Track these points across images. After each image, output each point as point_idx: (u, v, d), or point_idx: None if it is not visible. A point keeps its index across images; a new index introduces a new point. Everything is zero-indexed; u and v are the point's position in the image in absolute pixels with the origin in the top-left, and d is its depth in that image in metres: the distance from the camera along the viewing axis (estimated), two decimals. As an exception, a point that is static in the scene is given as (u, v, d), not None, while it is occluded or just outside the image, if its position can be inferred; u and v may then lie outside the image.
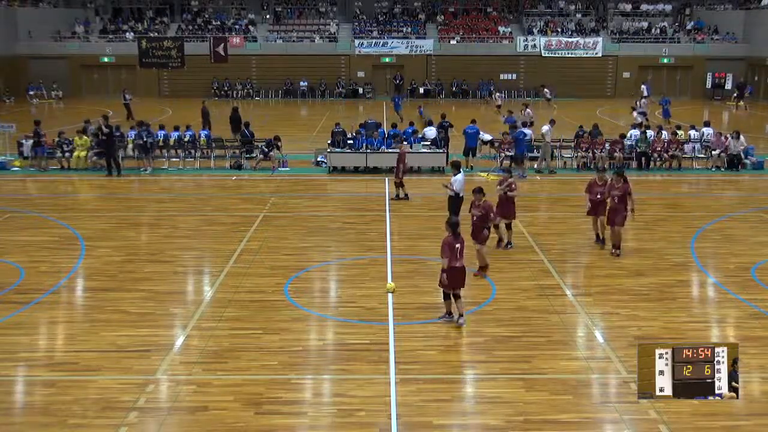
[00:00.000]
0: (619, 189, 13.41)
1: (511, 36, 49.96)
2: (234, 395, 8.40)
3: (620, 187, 13.42)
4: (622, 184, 13.42)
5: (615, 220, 13.47)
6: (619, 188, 13.42)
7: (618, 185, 13.43)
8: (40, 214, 16.93)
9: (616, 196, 13.41)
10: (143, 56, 33.36)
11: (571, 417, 8.00)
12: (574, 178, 21.87)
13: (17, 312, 10.92)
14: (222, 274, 12.69)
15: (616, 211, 13.47)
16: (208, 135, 23.99)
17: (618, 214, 13.45)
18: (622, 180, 13.46)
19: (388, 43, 48.89)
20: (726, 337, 10.31)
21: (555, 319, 10.74)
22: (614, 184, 13.50)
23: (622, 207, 13.40)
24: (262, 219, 16.57)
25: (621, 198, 13.37)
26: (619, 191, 13.39)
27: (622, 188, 13.42)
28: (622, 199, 13.38)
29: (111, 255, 13.79)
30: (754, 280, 12.47)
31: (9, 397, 8.57)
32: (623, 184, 13.42)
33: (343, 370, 9.13)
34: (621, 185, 13.43)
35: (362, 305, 11.25)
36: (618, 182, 13.45)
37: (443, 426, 7.84)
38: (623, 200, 13.38)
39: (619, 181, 13.44)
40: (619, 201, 13.38)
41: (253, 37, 49.74)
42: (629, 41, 50.06)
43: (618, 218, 13.43)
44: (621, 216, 13.42)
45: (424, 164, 22.39)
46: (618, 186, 13.44)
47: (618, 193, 13.38)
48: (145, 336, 10.08)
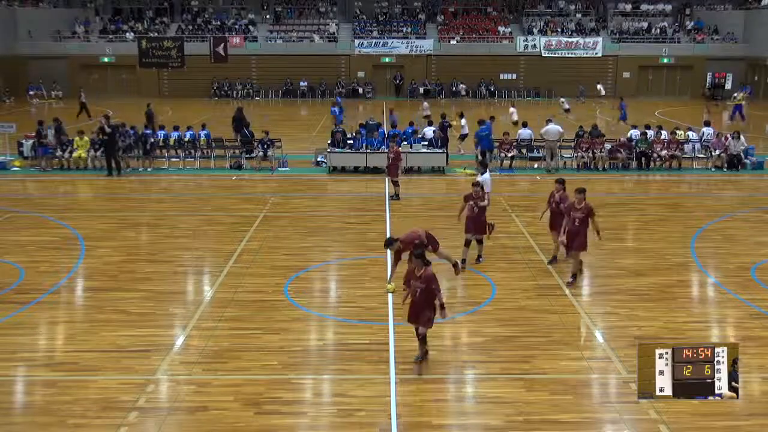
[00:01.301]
0: (581, 210, 11.81)
1: (511, 36, 49.97)
2: (234, 395, 8.40)
3: (582, 208, 11.82)
4: (584, 205, 11.82)
5: (573, 244, 11.86)
6: (581, 209, 11.82)
7: (579, 206, 11.82)
8: (40, 214, 16.93)
9: (577, 218, 11.79)
10: (143, 56, 33.37)
11: (571, 417, 8.00)
12: (574, 178, 21.85)
13: (17, 312, 10.91)
14: (222, 274, 12.69)
15: (577, 234, 11.82)
16: (208, 135, 24.00)
17: (577, 237, 11.83)
18: (584, 199, 11.87)
19: (388, 43, 48.90)
20: (726, 337, 10.30)
21: (555, 319, 10.74)
22: (575, 204, 11.89)
23: (583, 230, 11.83)
24: (262, 219, 16.57)
25: (583, 220, 11.80)
26: (581, 212, 11.80)
27: (585, 209, 11.82)
28: (584, 222, 11.81)
29: (111, 255, 13.79)
30: (754, 280, 12.47)
31: (9, 397, 8.56)
32: (585, 204, 11.82)
33: (343, 370, 9.13)
34: (583, 205, 11.82)
35: (362, 305, 11.25)
36: (580, 202, 11.82)
37: (443, 426, 7.84)
38: (585, 222, 11.82)
39: (581, 201, 11.82)
40: (580, 223, 11.79)
41: (253, 37, 49.76)
42: (629, 41, 50.09)
43: (577, 242, 11.82)
44: (581, 240, 11.84)
45: (424, 164, 22.39)
46: (579, 207, 11.82)
47: (579, 215, 11.79)
48: (145, 336, 10.08)
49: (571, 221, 11.86)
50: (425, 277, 8.67)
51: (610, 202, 18.65)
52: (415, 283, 8.82)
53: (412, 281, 8.82)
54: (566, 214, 12.01)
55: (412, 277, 8.88)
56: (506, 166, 22.94)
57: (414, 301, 8.89)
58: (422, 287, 8.75)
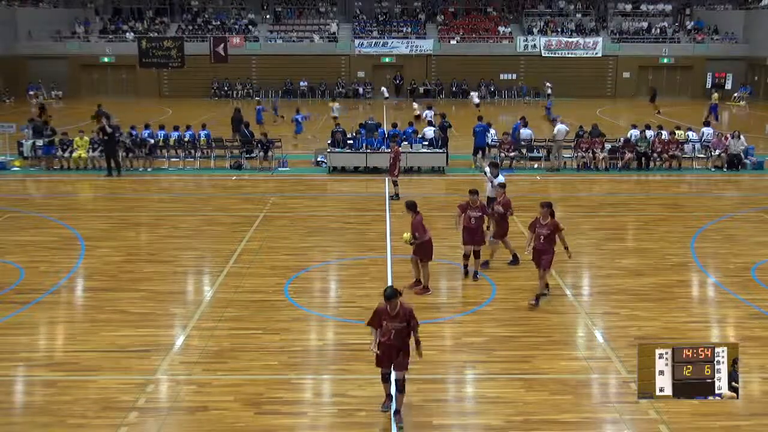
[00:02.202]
0: (547, 226, 11.02)
1: (511, 36, 49.97)
2: (234, 395, 8.40)
3: (548, 224, 11.03)
4: (550, 220, 11.03)
5: (541, 261, 11.10)
6: (546, 225, 11.02)
7: (545, 221, 11.02)
8: (40, 214, 16.93)
9: (542, 235, 11.00)
10: (143, 56, 33.35)
11: (571, 417, 8.00)
12: (574, 178, 21.88)
13: (17, 312, 10.91)
14: (222, 274, 12.69)
15: (543, 252, 11.06)
16: (208, 135, 24.01)
17: (544, 255, 11.06)
18: (550, 215, 11.05)
19: (388, 43, 48.89)
20: (726, 337, 10.30)
21: (555, 319, 10.74)
22: (540, 219, 11.07)
23: (549, 247, 11.02)
24: (262, 219, 16.57)
25: (548, 237, 10.98)
26: (546, 229, 10.99)
27: (550, 225, 11.02)
28: (550, 239, 10.99)
29: (111, 255, 13.79)
30: (754, 280, 12.47)
31: (9, 397, 8.57)
32: (551, 220, 11.02)
33: (343, 370, 9.13)
34: (549, 221, 11.03)
35: (362, 305, 11.23)
36: (545, 217, 11.02)
37: (443, 426, 7.84)
38: (551, 240, 10.99)
39: (546, 216, 11.02)
40: (545, 240, 10.99)
41: (253, 37, 49.75)
42: (629, 41, 50.09)
43: (544, 260, 11.05)
44: (548, 258, 11.06)
45: (424, 164, 22.39)
46: (545, 223, 11.02)
47: (545, 232, 10.98)
48: (145, 336, 10.08)
49: (536, 238, 11.10)
50: (404, 312, 7.51)
51: (610, 202, 18.66)
52: (390, 324, 7.64)
53: (387, 322, 7.58)
54: (530, 230, 11.23)
55: (385, 318, 7.67)
56: (506, 165, 22.94)
57: (388, 344, 7.68)
58: (400, 326, 7.65)
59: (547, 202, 11.11)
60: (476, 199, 12.18)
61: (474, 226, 12.14)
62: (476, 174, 22.50)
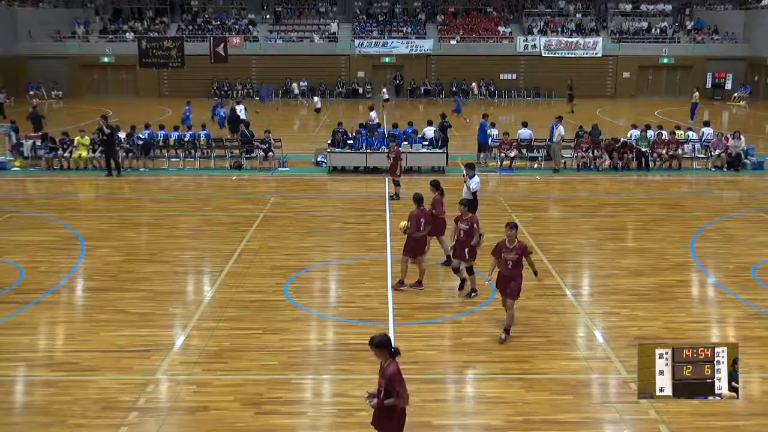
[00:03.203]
0: (514, 249, 9.65)
1: (511, 36, 49.95)
2: (234, 395, 8.40)
3: (515, 247, 9.66)
4: (517, 243, 9.74)
5: (508, 290, 9.75)
6: (513, 248, 9.66)
7: (511, 244, 9.68)
8: (40, 214, 16.93)
9: (509, 261, 9.66)
10: (143, 56, 33.32)
11: (571, 417, 8.00)
12: (574, 178, 21.88)
13: (17, 312, 10.92)
14: (222, 274, 12.69)
15: (511, 279, 9.72)
16: (208, 135, 24.01)
17: (512, 282, 9.71)
18: (516, 237, 9.80)
19: (388, 43, 48.87)
20: (726, 337, 10.31)
21: (555, 319, 10.74)
22: (506, 243, 9.75)
23: (518, 273, 9.77)
24: (262, 219, 16.57)
25: (517, 262, 9.70)
26: (513, 253, 9.64)
27: (518, 248, 9.68)
28: (519, 264, 9.74)
29: (111, 255, 13.79)
30: (754, 280, 12.47)
31: (9, 397, 8.57)
32: (518, 242, 9.76)
33: (343, 370, 9.13)
34: (516, 244, 9.71)
35: (362, 305, 11.25)
36: (511, 240, 9.71)
37: (443, 426, 7.84)
38: (520, 264, 9.76)
39: (513, 239, 9.72)
40: (513, 266, 9.69)
41: (253, 37, 49.73)
42: (629, 41, 50.05)
43: (513, 288, 9.73)
44: (517, 285, 9.76)
45: (424, 164, 22.39)
46: (512, 246, 9.68)
47: (513, 256, 9.65)
48: (145, 336, 10.08)
49: (502, 264, 9.77)
50: (389, 374, 6.39)
51: (610, 202, 18.66)
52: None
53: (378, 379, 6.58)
54: (495, 255, 9.90)
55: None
56: (506, 166, 22.95)
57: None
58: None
59: (513, 223, 9.93)
60: (465, 210, 11.45)
61: (462, 238, 11.35)
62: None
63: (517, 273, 9.77)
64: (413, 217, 11.72)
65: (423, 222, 11.73)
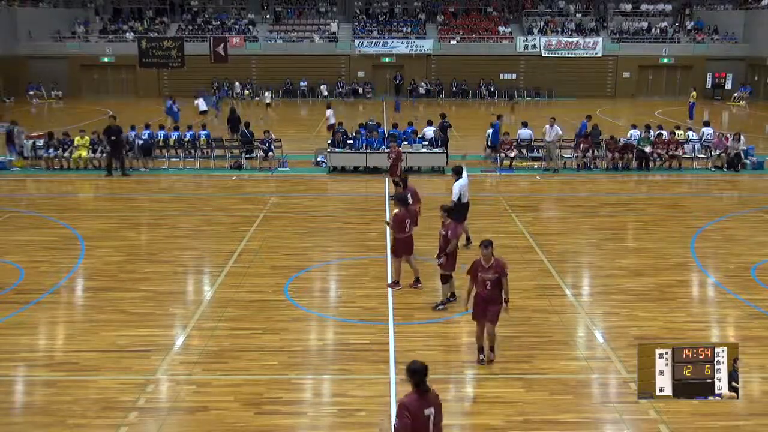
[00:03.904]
0: (492, 269, 8.98)
1: (511, 36, 49.95)
2: (234, 395, 8.40)
3: (492, 266, 8.99)
4: (494, 261, 9.02)
5: (488, 314, 9.03)
6: (491, 267, 8.98)
7: (488, 264, 9.00)
8: (40, 214, 16.93)
9: (488, 281, 8.97)
10: (143, 56, 33.34)
11: (571, 417, 8.00)
12: (574, 178, 21.88)
13: (17, 312, 10.92)
14: (222, 274, 12.69)
15: (491, 301, 9.01)
16: (208, 135, 24.01)
17: (492, 306, 9.01)
18: (492, 255, 9.05)
19: (388, 43, 48.87)
20: (726, 337, 10.30)
21: (555, 319, 10.74)
22: (482, 262, 9.05)
23: (498, 295, 9.02)
24: (262, 219, 16.57)
25: (496, 283, 8.98)
26: (491, 272, 8.96)
27: (496, 266, 9.00)
28: (498, 284, 8.99)
29: (111, 255, 13.78)
30: (754, 280, 12.47)
31: (9, 397, 8.57)
32: (495, 262, 9.01)
33: (343, 370, 9.13)
34: (493, 264, 9.00)
35: (362, 305, 11.25)
36: (488, 259, 9.01)
37: (443, 426, 7.82)
38: (498, 286, 9.00)
39: (489, 257, 9.01)
40: (492, 287, 8.98)
41: (253, 37, 49.73)
42: (629, 41, 50.05)
43: (492, 312, 9.02)
44: (497, 310, 9.05)
45: (424, 164, 22.39)
46: (488, 265, 9.00)
47: (491, 276, 8.95)
48: (145, 336, 10.08)
49: (480, 284, 9.06)
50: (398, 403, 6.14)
51: (610, 202, 18.66)
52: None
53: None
54: (471, 276, 9.19)
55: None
56: (506, 165, 22.95)
57: None
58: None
59: (488, 241, 9.10)
60: (445, 215, 11.19)
61: (442, 245, 11.14)
62: (475, 174, 22.52)
63: (497, 294, 9.03)
64: (397, 218, 11.73)
65: (408, 222, 11.77)
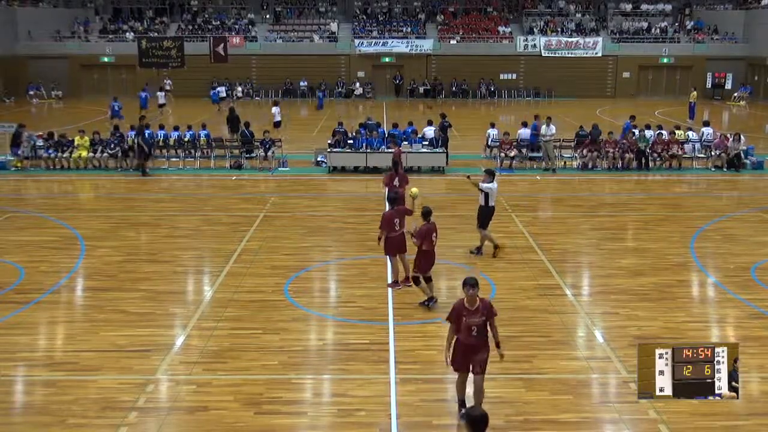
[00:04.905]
0: (478, 311, 7.62)
1: (511, 36, 49.95)
2: (234, 395, 8.40)
3: (478, 308, 7.63)
4: (481, 304, 7.66)
5: (475, 364, 7.73)
6: (476, 310, 7.62)
7: (473, 306, 7.63)
8: (40, 214, 16.93)
9: (474, 326, 7.61)
10: (143, 56, 33.40)
11: (571, 417, 8.00)
12: (574, 178, 21.88)
13: (17, 312, 10.91)
14: (222, 274, 12.69)
15: (477, 349, 7.70)
16: (208, 135, 24.01)
17: (479, 354, 7.71)
18: (477, 296, 7.67)
19: (388, 42, 48.88)
20: (726, 337, 10.30)
21: (555, 319, 10.74)
22: (465, 304, 7.65)
23: (483, 342, 7.71)
24: (262, 219, 16.57)
25: (483, 327, 7.67)
26: (478, 315, 7.61)
27: (482, 309, 7.65)
28: (484, 330, 7.69)
29: (111, 255, 13.78)
30: (754, 280, 12.47)
31: (9, 397, 8.56)
32: (482, 304, 7.67)
33: (343, 370, 9.13)
34: (479, 305, 7.65)
35: (362, 305, 11.25)
36: (472, 302, 7.64)
37: (443, 426, 7.84)
38: (485, 331, 7.71)
39: (474, 299, 7.63)
40: (479, 332, 7.65)
41: (253, 37, 49.74)
42: (629, 41, 50.05)
43: (480, 362, 7.74)
44: (485, 358, 7.76)
45: (424, 164, 22.39)
46: (473, 308, 7.63)
47: (477, 320, 7.61)
48: (145, 336, 10.08)
49: (465, 331, 7.64)
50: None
51: (610, 202, 18.67)
52: None
53: None
54: (452, 322, 7.72)
55: None
56: (506, 166, 22.95)
57: None
58: None
59: (472, 280, 7.69)
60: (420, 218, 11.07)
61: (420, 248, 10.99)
62: (476, 174, 22.48)
63: (484, 341, 7.68)
64: (386, 218, 11.74)
65: (397, 222, 11.78)
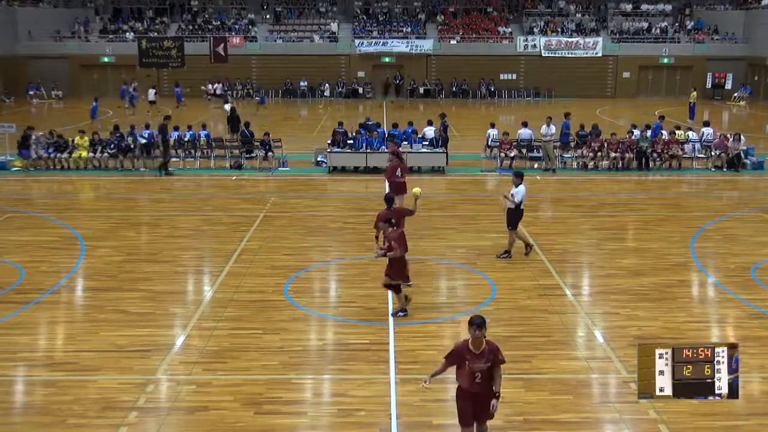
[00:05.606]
0: (484, 356, 6.80)
1: (511, 36, 49.94)
2: (234, 395, 8.40)
3: (484, 352, 6.81)
4: (486, 346, 6.83)
5: (481, 413, 6.98)
6: (482, 355, 6.80)
7: (478, 350, 6.79)
8: (40, 214, 16.93)
9: (478, 372, 6.82)
10: (143, 56, 33.38)
11: (571, 417, 8.00)
12: (574, 178, 21.88)
13: (17, 312, 10.91)
14: (222, 274, 12.69)
15: (483, 397, 6.92)
16: (208, 135, 24.01)
17: (484, 399, 6.91)
18: (484, 338, 6.83)
19: (388, 42, 48.87)
20: (726, 337, 10.30)
21: (555, 319, 10.74)
22: (470, 347, 6.82)
23: (488, 390, 6.91)
24: (262, 219, 16.57)
25: (488, 373, 6.87)
26: (483, 360, 6.80)
27: (488, 353, 6.83)
28: (489, 376, 6.89)
29: (111, 255, 13.78)
30: (754, 280, 12.47)
31: (9, 397, 8.57)
32: (488, 347, 6.84)
33: (343, 370, 9.13)
34: (484, 348, 6.81)
35: (362, 305, 11.25)
36: (478, 345, 6.80)
37: (443, 426, 7.84)
38: (490, 377, 6.89)
39: (480, 342, 6.80)
40: (484, 379, 6.87)
41: (253, 37, 49.74)
42: (629, 41, 50.04)
43: (485, 420, 7.08)
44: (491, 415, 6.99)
45: (424, 164, 22.39)
46: (479, 351, 6.80)
47: (482, 366, 6.80)
48: (145, 336, 10.08)
49: (467, 377, 6.89)
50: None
51: (610, 202, 18.66)
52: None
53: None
54: (450, 363, 7.00)
55: None
56: (506, 165, 22.94)
57: None
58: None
59: (479, 319, 6.80)
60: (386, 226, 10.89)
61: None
62: (475, 174, 22.54)
63: (488, 388, 6.91)
64: (380, 218, 11.55)
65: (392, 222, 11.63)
